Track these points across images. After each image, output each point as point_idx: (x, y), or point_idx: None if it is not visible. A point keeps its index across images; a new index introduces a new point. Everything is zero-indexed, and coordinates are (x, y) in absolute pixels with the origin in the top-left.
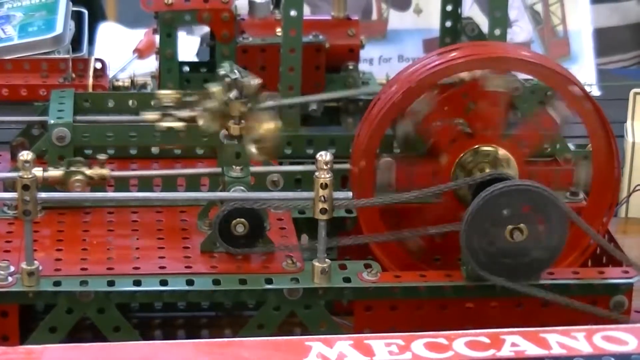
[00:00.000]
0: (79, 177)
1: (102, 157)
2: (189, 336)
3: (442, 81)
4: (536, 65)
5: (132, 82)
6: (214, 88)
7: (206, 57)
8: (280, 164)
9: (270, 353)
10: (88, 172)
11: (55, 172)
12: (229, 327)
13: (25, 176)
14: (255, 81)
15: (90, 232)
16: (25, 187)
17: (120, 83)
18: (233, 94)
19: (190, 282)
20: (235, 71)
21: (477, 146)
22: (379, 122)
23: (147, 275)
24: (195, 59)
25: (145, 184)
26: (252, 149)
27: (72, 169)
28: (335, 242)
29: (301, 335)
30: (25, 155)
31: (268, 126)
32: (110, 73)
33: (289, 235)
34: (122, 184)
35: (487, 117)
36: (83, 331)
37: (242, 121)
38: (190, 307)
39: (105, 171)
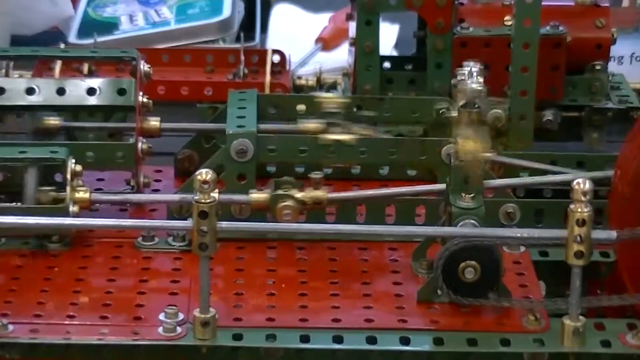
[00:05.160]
0: (288, 202)
1: (316, 175)
2: None
3: None
4: None
5: (319, 80)
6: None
7: (410, 51)
8: (514, 191)
9: None
10: (299, 195)
11: (259, 196)
12: None
13: (204, 200)
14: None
15: (278, 271)
16: (203, 215)
17: (303, 81)
18: (475, 101)
19: (405, 341)
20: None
21: None
22: None
23: (351, 329)
24: (394, 53)
25: (347, 213)
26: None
27: (280, 192)
28: (595, 302)
29: None
30: (204, 174)
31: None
32: (291, 68)
33: (529, 284)
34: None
35: None
36: None
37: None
38: None
39: (320, 193)
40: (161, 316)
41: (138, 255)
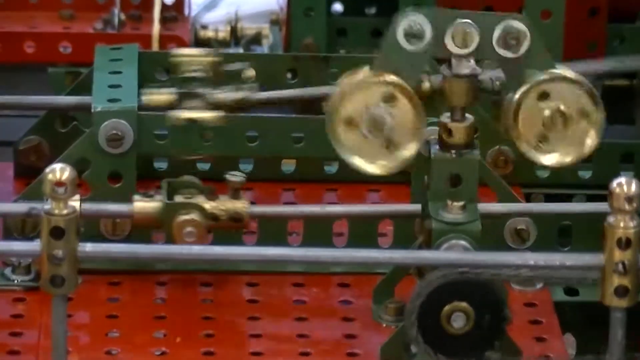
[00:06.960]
0: (192, 216)
1: (235, 177)
2: None
3: None
4: None
5: (234, 30)
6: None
7: None
8: (527, 197)
9: None
10: (208, 205)
11: (145, 205)
12: None
13: (58, 212)
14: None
15: (171, 319)
16: (58, 233)
17: (210, 33)
18: (465, 67)
19: None
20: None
21: None
22: None
23: None
24: None
25: (278, 230)
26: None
27: (179, 199)
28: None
29: None
30: (58, 172)
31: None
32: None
33: (548, 336)
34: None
35: None
36: None
37: (466, 116)
38: None
39: (241, 205)
40: None
41: None
